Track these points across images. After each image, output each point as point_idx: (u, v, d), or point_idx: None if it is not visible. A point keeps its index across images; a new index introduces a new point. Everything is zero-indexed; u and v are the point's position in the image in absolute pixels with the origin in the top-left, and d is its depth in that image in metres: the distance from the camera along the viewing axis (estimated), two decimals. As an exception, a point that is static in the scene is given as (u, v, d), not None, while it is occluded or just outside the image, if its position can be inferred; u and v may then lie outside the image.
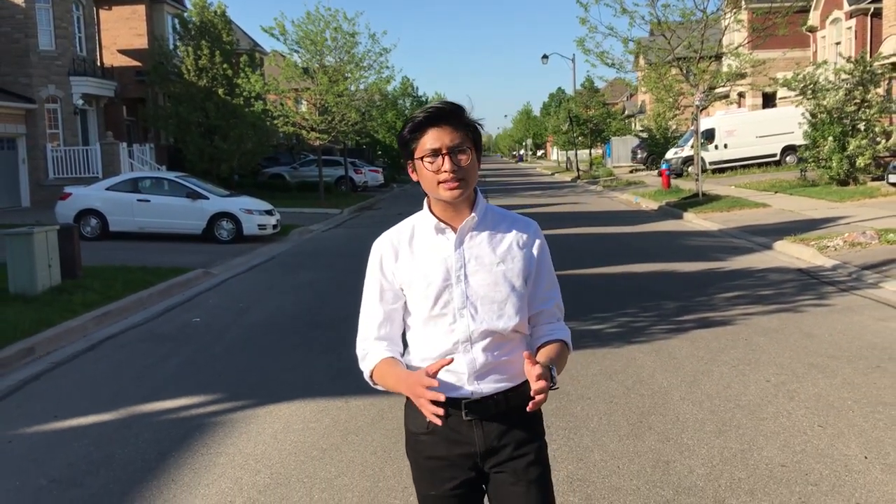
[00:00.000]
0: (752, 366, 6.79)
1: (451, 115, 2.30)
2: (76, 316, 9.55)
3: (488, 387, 2.34)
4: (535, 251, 2.41)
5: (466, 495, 2.40)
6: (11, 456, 5.38)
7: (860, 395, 5.92)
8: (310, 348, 8.09)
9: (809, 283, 10.69)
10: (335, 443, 5.33)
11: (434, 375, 2.17)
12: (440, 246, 2.35)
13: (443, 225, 2.35)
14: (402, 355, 2.46)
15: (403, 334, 2.49)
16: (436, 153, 2.27)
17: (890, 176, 19.37)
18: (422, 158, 2.30)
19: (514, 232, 2.40)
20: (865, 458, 4.78)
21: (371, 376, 2.42)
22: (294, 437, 5.48)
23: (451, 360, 2.25)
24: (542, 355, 2.34)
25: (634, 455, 4.89)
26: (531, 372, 2.15)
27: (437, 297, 2.33)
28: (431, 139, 2.28)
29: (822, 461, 4.74)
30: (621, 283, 11.30)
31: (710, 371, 6.66)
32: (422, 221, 2.42)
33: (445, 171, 2.26)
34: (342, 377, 6.87)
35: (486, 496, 2.48)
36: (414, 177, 2.37)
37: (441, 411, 2.14)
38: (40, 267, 10.54)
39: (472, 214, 2.35)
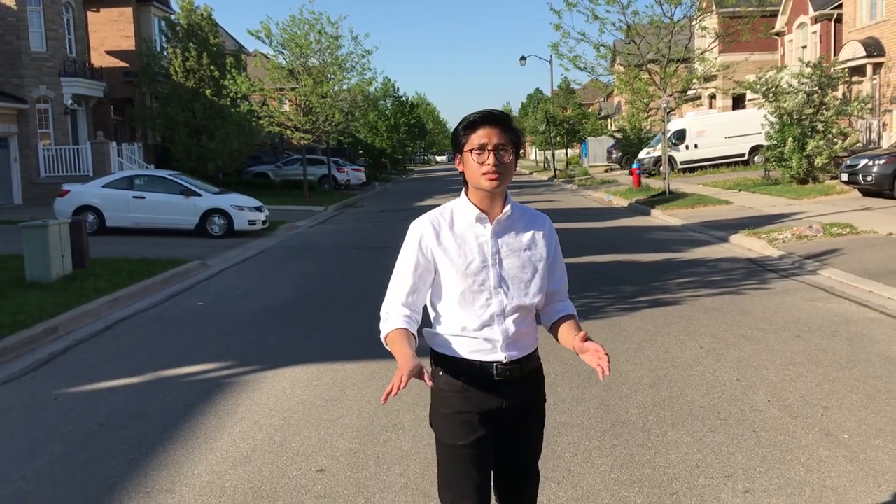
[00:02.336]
0: (691, 336, 7.90)
1: (500, 119, 2.70)
2: (90, 301, 10.50)
3: (516, 352, 2.77)
4: (551, 240, 2.86)
5: (487, 443, 2.80)
6: (61, 408, 6.37)
7: (776, 358, 7.04)
8: (306, 326, 9.11)
9: (755, 271, 11.85)
10: (335, 395, 6.38)
11: (410, 378, 2.49)
12: (478, 232, 2.74)
13: (483, 215, 2.73)
14: (428, 326, 2.86)
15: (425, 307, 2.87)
16: (483, 148, 2.65)
17: (842, 175, 20.62)
18: (470, 151, 2.68)
19: (535, 224, 2.84)
20: (768, 401, 5.89)
21: (385, 338, 2.74)
22: (300, 392, 6.52)
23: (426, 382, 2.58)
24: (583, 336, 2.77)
25: (581, 400, 5.97)
26: (586, 347, 2.66)
27: (475, 275, 2.71)
28: (481, 136, 2.66)
29: (734, 404, 5.85)
30: (587, 271, 12.38)
31: (653, 340, 7.77)
32: (461, 208, 2.77)
33: (488, 165, 2.64)
34: (337, 348, 7.92)
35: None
36: (459, 168, 2.76)
37: (386, 395, 2.44)
38: (54, 257, 11.47)
39: (507, 209, 2.75)
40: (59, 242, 11.66)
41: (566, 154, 55.01)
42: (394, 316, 2.74)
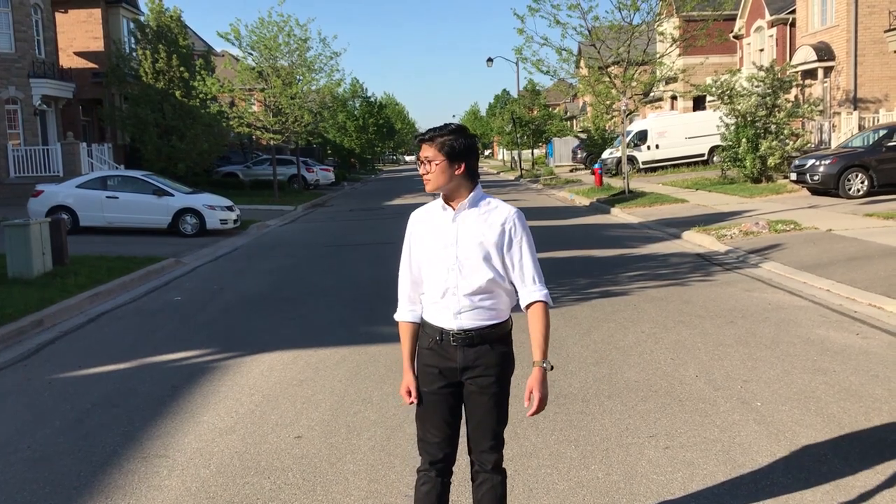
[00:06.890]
0: (635, 322, 8.65)
1: (427, 138, 3.34)
2: (72, 295, 11.00)
3: (468, 323, 3.29)
4: (506, 228, 3.34)
5: (449, 395, 3.37)
6: (56, 391, 6.94)
7: (709, 340, 7.80)
8: (280, 317, 9.72)
9: (701, 265, 12.66)
10: (309, 376, 7.02)
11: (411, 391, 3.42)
12: (444, 219, 3.37)
13: (447, 206, 3.37)
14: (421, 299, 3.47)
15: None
16: (420, 161, 3.38)
17: (792, 174, 21.61)
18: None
19: (496, 214, 3.35)
20: (696, 376, 6.63)
21: (398, 322, 3.47)
22: (277, 374, 7.14)
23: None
24: (537, 350, 3.38)
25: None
26: (533, 381, 3.39)
27: (439, 253, 3.33)
28: (421, 152, 3.38)
29: (665, 378, 6.58)
30: (545, 265, 13.07)
31: (600, 326, 8.51)
32: (437, 202, 3.44)
33: (423, 173, 3.35)
34: (310, 336, 8.55)
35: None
36: None
37: (409, 400, 3.41)
38: (35, 254, 11.94)
39: (464, 202, 3.33)
40: (41, 240, 12.13)
41: (532, 154, 55.93)
42: (401, 306, 3.48)
